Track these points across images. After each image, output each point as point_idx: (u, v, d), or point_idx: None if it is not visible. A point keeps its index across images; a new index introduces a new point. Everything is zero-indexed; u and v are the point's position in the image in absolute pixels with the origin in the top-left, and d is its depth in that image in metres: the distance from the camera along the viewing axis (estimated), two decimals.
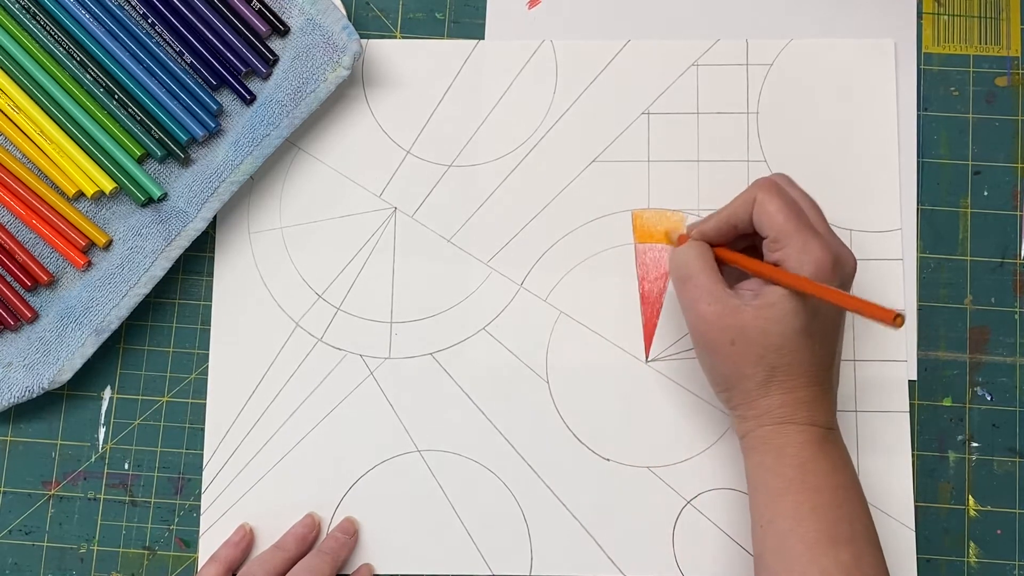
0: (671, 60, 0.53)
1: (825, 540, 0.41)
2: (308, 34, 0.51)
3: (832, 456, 0.42)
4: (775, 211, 0.43)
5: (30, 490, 0.51)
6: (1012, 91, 0.52)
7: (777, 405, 0.42)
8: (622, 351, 0.50)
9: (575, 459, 0.50)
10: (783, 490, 0.42)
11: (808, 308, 0.42)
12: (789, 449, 0.42)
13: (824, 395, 0.43)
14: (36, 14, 0.51)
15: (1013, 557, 0.49)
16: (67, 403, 0.51)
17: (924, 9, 0.53)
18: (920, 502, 0.49)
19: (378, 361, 0.51)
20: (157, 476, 0.51)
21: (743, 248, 0.46)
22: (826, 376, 0.43)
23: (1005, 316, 0.50)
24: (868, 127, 0.52)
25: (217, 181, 0.50)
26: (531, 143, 0.52)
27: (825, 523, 0.41)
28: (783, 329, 0.42)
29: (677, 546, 0.49)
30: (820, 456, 0.42)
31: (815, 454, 0.42)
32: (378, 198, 0.52)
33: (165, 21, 0.51)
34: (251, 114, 0.51)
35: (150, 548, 0.50)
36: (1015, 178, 0.51)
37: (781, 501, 0.42)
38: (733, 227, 0.45)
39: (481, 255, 0.52)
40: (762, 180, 0.44)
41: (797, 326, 0.42)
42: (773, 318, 0.42)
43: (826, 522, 0.41)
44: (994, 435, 0.50)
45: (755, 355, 0.42)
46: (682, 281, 0.44)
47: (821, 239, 0.42)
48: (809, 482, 0.42)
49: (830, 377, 0.43)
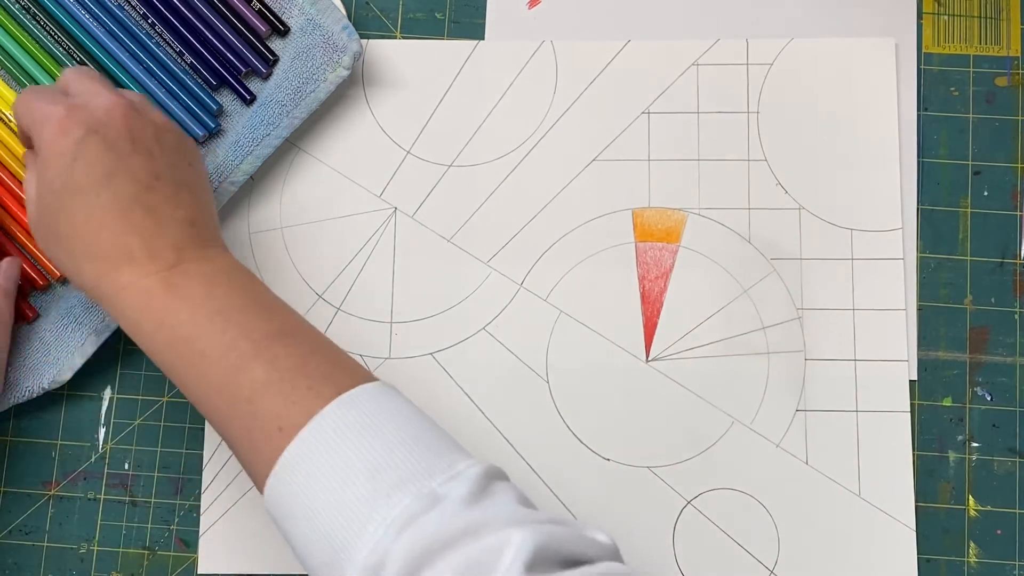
0: (671, 60, 0.53)
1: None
2: (308, 34, 0.51)
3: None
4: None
5: (30, 490, 0.51)
6: (1012, 91, 0.52)
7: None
8: (622, 351, 0.50)
9: (575, 459, 0.50)
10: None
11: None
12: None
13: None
14: (36, 14, 0.51)
15: (1013, 557, 0.49)
16: (67, 403, 0.51)
17: (924, 9, 0.53)
18: (920, 502, 0.49)
19: (378, 361, 0.51)
20: (157, 476, 0.50)
21: None
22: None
23: (1005, 316, 0.50)
24: (868, 127, 0.52)
25: (217, 181, 0.50)
26: (531, 143, 0.52)
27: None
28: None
29: (677, 546, 0.49)
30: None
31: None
32: (378, 198, 0.52)
33: (165, 21, 0.51)
34: (251, 114, 0.51)
35: (150, 548, 0.50)
36: (1015, 178, 0.51)
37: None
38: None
39: (481, 255, 0.52)
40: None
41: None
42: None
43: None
44: (994, 435, 0.50)
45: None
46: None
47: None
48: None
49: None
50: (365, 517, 0.35)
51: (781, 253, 0.51)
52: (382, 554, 0.34)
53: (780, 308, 0.50)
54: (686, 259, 0.51)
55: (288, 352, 0.40)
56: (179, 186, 0.43)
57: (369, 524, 0.35)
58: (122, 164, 0.42)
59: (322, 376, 0.39)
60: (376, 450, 0.37)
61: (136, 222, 0.41)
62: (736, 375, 0.50)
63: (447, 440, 0.39)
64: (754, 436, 0.49)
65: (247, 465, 0.40)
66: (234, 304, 0.41)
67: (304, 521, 0.37)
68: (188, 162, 0.44)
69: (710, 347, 0.50)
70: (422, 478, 0.36)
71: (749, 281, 0.51)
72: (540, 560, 0.33)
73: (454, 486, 0.36)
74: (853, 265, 0.51)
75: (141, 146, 0.42)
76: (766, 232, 0.51)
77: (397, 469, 0.36)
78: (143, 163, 0.42)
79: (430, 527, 0.34)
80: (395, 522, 0.35)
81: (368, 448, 0.37)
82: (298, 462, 0.37)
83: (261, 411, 0.38)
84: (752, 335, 0.50)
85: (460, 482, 0.36)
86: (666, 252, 0.51)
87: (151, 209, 0.42)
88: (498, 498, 0.36)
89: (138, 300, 0.41)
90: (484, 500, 0.36)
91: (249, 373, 0.39)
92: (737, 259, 0.51)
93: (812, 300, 0.50)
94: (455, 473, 0.36)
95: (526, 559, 0.33)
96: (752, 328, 0.50)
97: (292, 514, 0.37)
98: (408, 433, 0.38)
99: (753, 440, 0.49)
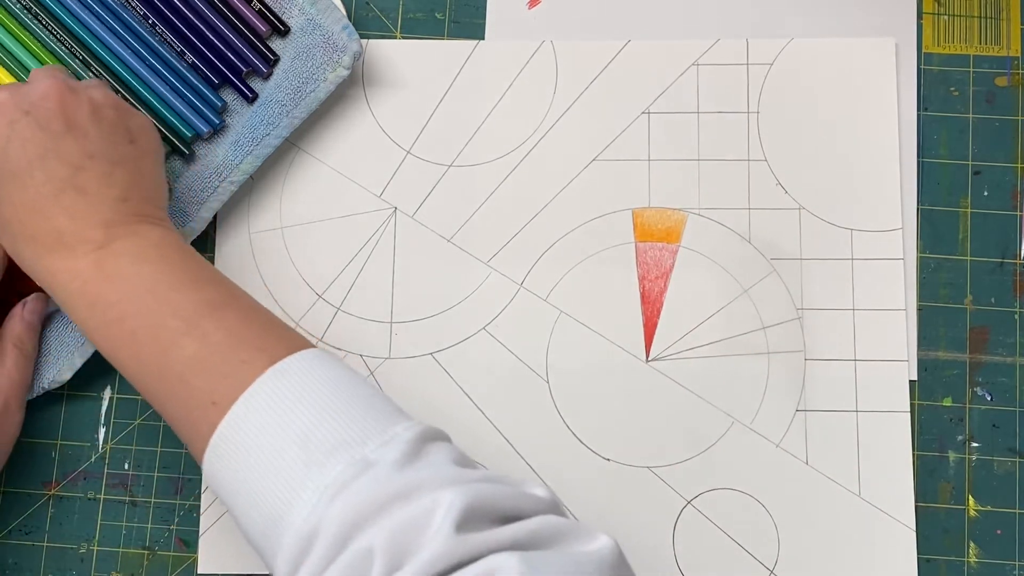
0: (671, 60, 0.53)
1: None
2: (308, 34, 0.51)
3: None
4: None
5: (30, 490, 0.51)
6: (1012, 91, 0.52)
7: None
8: (623, 351, 0.50)
9: (575, 459, 0.50)
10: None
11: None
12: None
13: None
14: (38, 13, 0.51)
15: (1013, 557, 0.49)
16: (67, 403, 0.51)
17: (924, 9, 0.53)
18: (920, 502, 0.49)
19: (378, 361, 0.51)
20: (157, 476, 0.50)
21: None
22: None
23: (1005, 316, 0.50)
24: (868, 127, 0.52)
25: (217, 181, 0.50)
26: (531, 143, 0.52)
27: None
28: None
29: (677, 546, 0.49)
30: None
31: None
32: (378, 198, 0.52)
33: (166, 21, 0.51)
34: (251, 114, 0.51)
35: (150, 548, 0.50)
36: (1015, 178, 0.51)
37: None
38: None
39: (481, 255, 0.52)
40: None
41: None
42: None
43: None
44: (994, 435, 0.50)
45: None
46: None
47: None
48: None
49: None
50: (299, 485, 0.35)
51: (781, 253, 0.51)
52: (315, 522, 0.34)
53: (780, 308, 0.50)
54: (686, 259, 0.51)
55: (218, 326, 0.40)
56: (114, 164, 0.43)
57: (303, 492, 0.35)
58: (54, 145, 0.42)
59: (255, 348, 0.39)
60: (309, 418, 0.37)
61: (67, 204, 0.42)
62: (736, 375, 0.50)
63: (384, 405, 0.38)
64: (754, 436, 0.49)
65: (186, 441, 0.40)
66: (163, 281, 0.41)
67: (241, 493, 0.37)
68: (129, 139, 0.44)
69: (710, 347, 0.50)
70: (355, 444, 0.36)
71: (749, 281, 0.51)
72: (471, 519, 0.33)
73: (387, 451, 0.35)
74: (853, 265, 0.51)
75: (75, 126, 0.43)
76: (766, 232, 0.51)
77: (330, 436, 0.36)
78: (76, 143, 0.42)
79: (362, 493, 0.34)
80: (328, 489, 0.34)
81: (301, 416, 0.37)
82: (232, 435, 0.37)
83: (194, 388, 0.39)
84: (752, 335, 0.50)
85: (393, 446, 0.36)
86: (666, 252, 0.51)
87: (82, 190, 0.42)
88: (431, 459, 0.36)
89: (70, 283, 0.41)
90: (417, 462, 0.35)
91: (180, 351, 0.39)
92: (737, 259, 0.51)
93: (812, 300, 0.50)
94: (389, 437, 0.36)
95: (456, 519, 0.32)
96: (752, 328, 0.50)
97: (230, 487, 0.37)
98: (342, 399, 0.37)
99: (753, 440, 0.49)
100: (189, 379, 0.39)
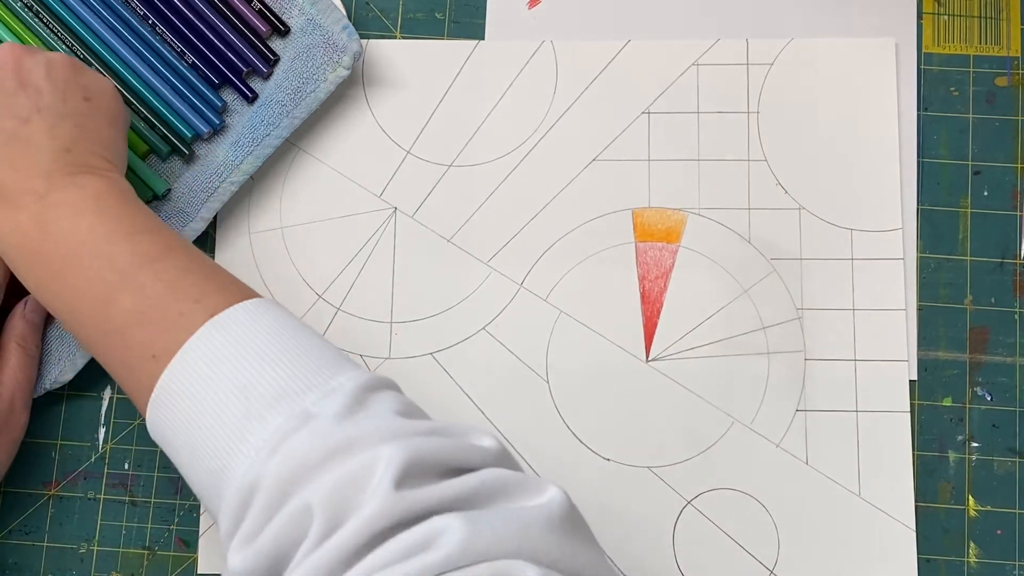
0: (671, 60, 0.53)
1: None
2: (308, 34, 0.51)
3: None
4: None
5: (30, 490, 0.51)
6: (1012, 91, 0.52)
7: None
8: (622, 351, 0.50)
9: (575, 459, 0.50)
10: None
11: None
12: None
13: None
14: (39, 12, 0.51)
15: (1013, 557, 0.49)
16: (67, 403, 0.51)
17: (924, 9, 0.53)
18: (920, 502, 0.49)
19: (378, 361, 0.51)
20: (157, 476, 0.51)
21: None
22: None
23: (1005, 316, 0.50)
24: (868, 127, 0.52)
25: (217, 181, 0.50)
26: (531, 143, 0.52)
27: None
28: None
29: (677, 546, 0.49)
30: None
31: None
32: (378, 198, 0.52)
33: (166, 21, 0.51)
34: (251, 114, 0.51)
35: (150, 548, 0.50)
36: (1015, 178, 0.51)
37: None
38: None
39: (481, 255, 0.52)
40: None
41: None
42: None
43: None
44: (994, 435, 0.50)
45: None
46: None
47: None
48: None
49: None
50: (239, 438, 0.35)
51: (781, 253, 0.51)
52: (254, 477, 0.34)
53: (780, 308, 0.50)
54: (686, 259, 0.51)
55: (156, 279, 0.39)
56: (63, 117, 0.43)
57: (243, 445, 0.34)
58: (6, 102, 0.43)
59: (193, 300, 0.39)
60: (249, 370, 0.36)
61: (9, 156, 0.42)
62: (736, 375, 0.50)
63: (329, 354, 0.38)
64: (754, 436, 0.49)
65: (129, 394, 0.40)
66: (100, 233, 0.40)
67: (184, 448, 0.36)
68: (84, 96, 0.44)
69: (710, 347, 0.50)
70: (296, 395, 0.35)
71: (749, 281, 0.51)
72: (412, 474, 0.32)
73: (328, 403, 0.35)
74: (853, 265, 0.51)
75: (28, 84, 0.43)
76: (766, 232, 0.51)
77: (270, 387, 0.35)
78: (26, 100, 0.43)
79: (301, 447, 0.33)
80: (267, 443, 0.34)
81: (240, 368, 0.36)
82: (173, 388, 0.37)
83: (133, 342, 0.38)
84: (752, 335, 0.50)
85: (335, 398, 0.35)
86: (666, 252, 0.51)
87: (26, 141, 0.42)
88: (373, 410, 0.35)
89: (12, 238, 0.41)
90: (358, 414, 0.35)
91: (117, 304, 0.39)
92: (737, 259, 0.51)
93: (812, 300, 0.50)
94: (331, 388, 0.35)
95: (395, 474, 0.32)
96: (752, 328, 0.50)
97: (172, 441, 0.37)
98: (284, 350, 0.37)
99: (753, 440, 0.49)
100: (127, 334, 0.38)
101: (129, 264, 0.40)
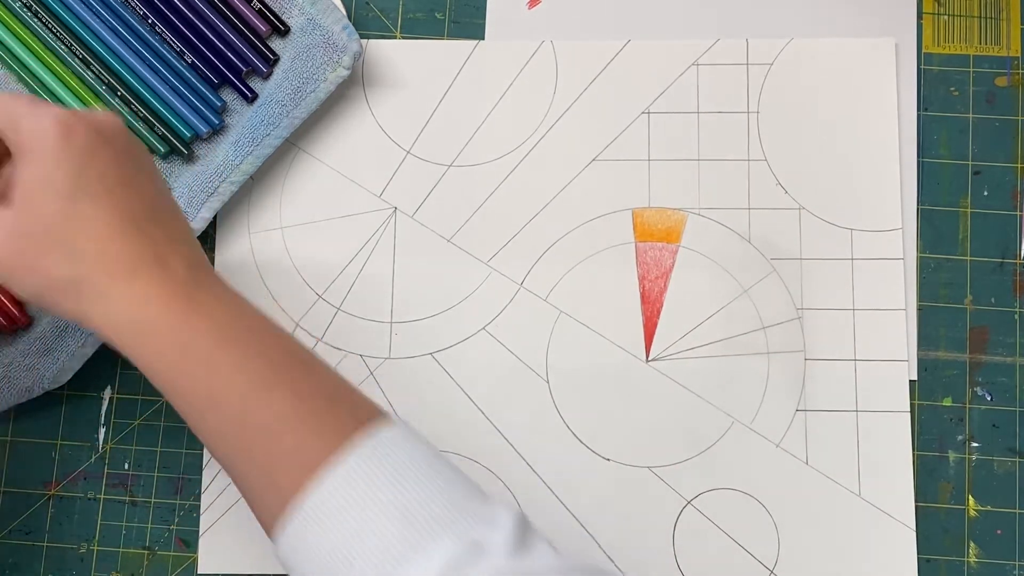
0: (671, 60, 0.53)
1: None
2: (308, 34, 0.51)
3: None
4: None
5: (30, 490, 0.51)
6: (1012, 91, 0.52)
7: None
8: (622, 351, 0.50)
9: (575, 459, 0.50)
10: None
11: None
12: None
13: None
14: (38, 11, 0.51)
15: (1013, 557, 0.49)
16: (67, 403, 0.51)
17: (924, 9, 0.53)
18: (920, 502, 0.49)
19: (378, 361, 0.51)
20: (157, 476, 0.51)
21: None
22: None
23: (1005, 316, 0.50)
24: (868, 127, 0.52)
25: (217, 181, 0.50)
26: (531, 143, 0.52)
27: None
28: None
29: (677, 546, 0.49)
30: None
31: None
32: (378, 198, 0.52)
33: (166, 21, 0.51)
34: (251, 114, 0.51)
35: (150, 548, 0.50)
36: (1015, 178, 0.51)
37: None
38: None
39: (481, 255, 0.52)
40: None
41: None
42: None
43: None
44: (994, 435, 0.50)
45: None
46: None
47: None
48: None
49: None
50: (402, 558, 0.34)
51: (781, 253, 0.51)
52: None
53: (780, 308, 0.50)
54: (686, 259, 0.51)
55: (309, 381, 0.38)
56: (176, 207, 0.42)
57: (408, 567, 0.33)
58: (129, 176, 0.39)
59: (345, 409, 0.37)
60: (410, 495, 0.35)
61: (150, 232, 0.39)
62: (736, 375, 0.50)
63: (470, 482, 0.37)
64: (754, 436, 0.49)
65: (258, 503, 0.38)
66: (251, 327, 0.39)
67: (339, 564, 0.35)
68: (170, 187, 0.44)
69: (710, 347, 0.50)
70: (459, 524, 0.35)
71: (749, 281, 0.51)
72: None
73: (494, 534, 0.35)
74: (853, 265, 0.51)
75: (142, 163, 0.41)
76: (766, 232, 0.51)
77: (431, 514, 0.35)
78: (147, 179, 0.40)
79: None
80: (437, 571, 0.33)
81: (401, 493, 0.35)
82: (328, 503, 0.35)
83: (283, 444, 0.36)
84: (752, 335, 0.50)
85: (498, 529, 0.35)
86: (666, 252, 0.51)
87: (160, 223, 0.39)
88: (538, 549, 0.35)
89: (150, 314, 0.38)
90: (528, 550, 0.35)
91: (270, 402, 0.37)
92: (737, 259, 0.51)
93: (812, 300, 0.50)
94: (489, 519, 0.35)
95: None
96: (752, 328, 0.50)
97: (318, 559, 0.35)
98: (440, 477, 0.36)
99: (753, 440, 0.49)
100: (278, 434, 0.37)
101: (283, 361, 0.38)
